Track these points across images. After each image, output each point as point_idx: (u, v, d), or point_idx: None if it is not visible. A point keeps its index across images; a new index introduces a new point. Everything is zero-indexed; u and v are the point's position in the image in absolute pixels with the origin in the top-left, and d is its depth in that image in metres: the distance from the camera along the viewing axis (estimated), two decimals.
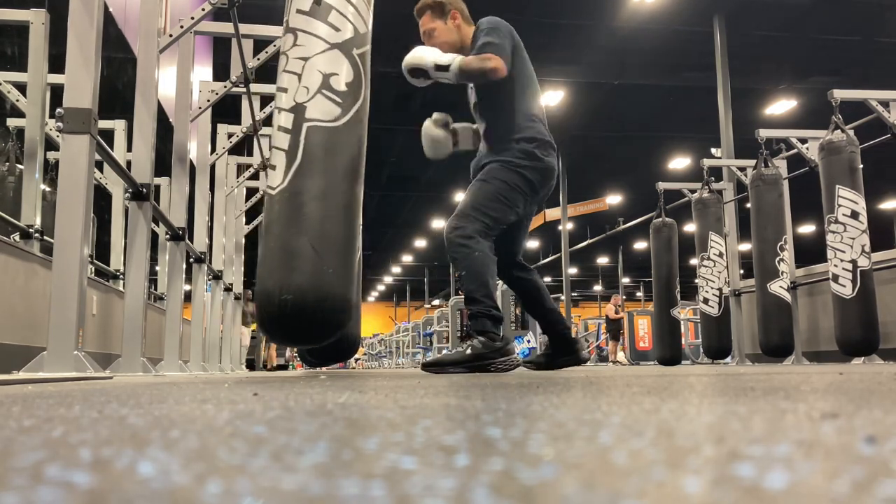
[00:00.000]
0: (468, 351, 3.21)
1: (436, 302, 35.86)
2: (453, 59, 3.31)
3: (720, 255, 9.21)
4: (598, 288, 35.46)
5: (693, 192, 9.91)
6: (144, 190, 3.72)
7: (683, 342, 11.43)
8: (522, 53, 3.60)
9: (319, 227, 2.77)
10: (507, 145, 3.44)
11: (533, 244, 29.98)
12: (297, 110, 2.90)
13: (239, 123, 7.08)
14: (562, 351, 3.70)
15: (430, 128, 3.60)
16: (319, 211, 2.79)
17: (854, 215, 6.91)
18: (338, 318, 2.78)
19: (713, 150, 14.00)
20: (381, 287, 43.60)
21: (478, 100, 3.63)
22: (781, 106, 16.08)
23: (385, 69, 13.09)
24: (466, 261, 3.28)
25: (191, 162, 5.61)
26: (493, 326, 3.27)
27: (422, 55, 3.34)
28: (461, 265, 3.31)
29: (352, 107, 2.94)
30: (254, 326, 15.34)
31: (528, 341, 13.53)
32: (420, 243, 31.08)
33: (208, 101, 5.59)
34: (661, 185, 10.09)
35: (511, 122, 3.46)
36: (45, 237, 5.00)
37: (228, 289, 8.00)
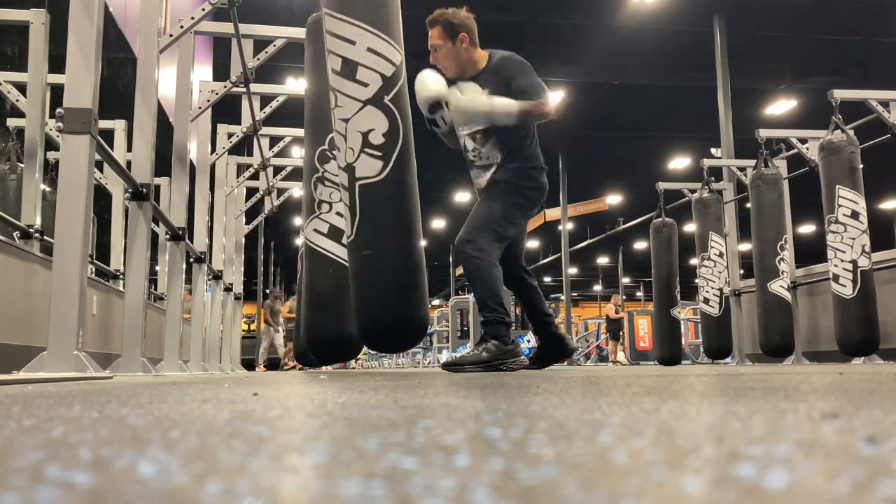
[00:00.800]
0: (484, 354, 3.53)
1: (436, 302, 35.84)
2: (510, 105, 3.48)
3: (720, 255, 9.21)
4: (598, 288, 35.43)
5: (693, 192, 9.90)
6: (144, 190, 3.72)
7: (683, 342, 11.44)
8: None
9: (385, 273, 3.39)
10: (517, 170, 3.76)
11: (533, 244, 29.97)
12: (350, 170, 3.40)
13: (239, 123, 7.07)
14: (551, 348, 4.00)
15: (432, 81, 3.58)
16: (381, 258, 3.39)
17: (854, 215, 6.90)
18: (410, 334, 3.64)
19: (713, 150, 13.99)
20: None
21: (493, 128, 3.73)
22: (781, 106, 16.06)
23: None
24: (479, 272, 3.59)
25: (191, 162, 5.61)
26: (505, 331, 3.61)
27: (478, 104, 3.50)
28: (474, 276, 3.62)
29: (392, 154, 3.35)
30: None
31: (528, 341, 13.53)
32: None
33: (208, 101, 5.58)
34: (661, 185, 10.08)
35: (526, 152, 3.78)
36: (45, 237, 5.00)
37: (228, 289, 8.00)
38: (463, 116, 3.57)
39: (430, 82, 3.51)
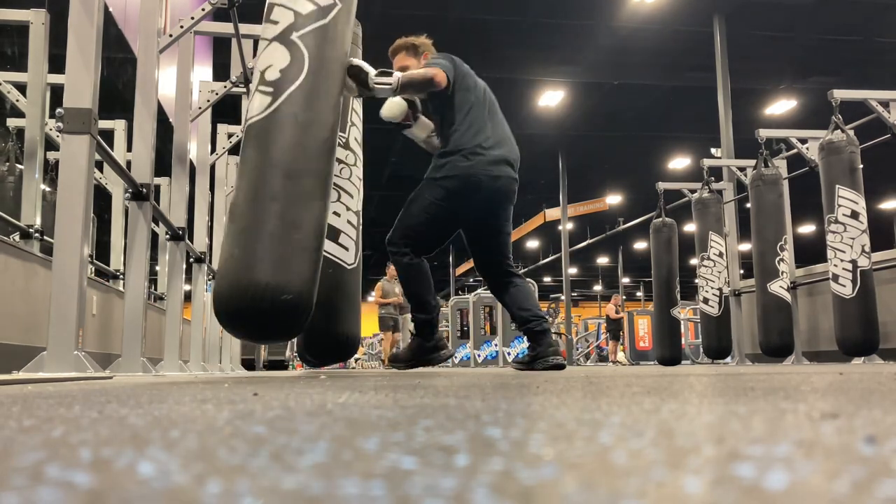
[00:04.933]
0: (409, 351, 3.80)
1: None
2: (395, 73, 3.37)
3: (720, 255, 9.21)
4: (598, 288, 35.43)
5: (693, 192, 9.90)
6: (144, 190, 3.72)
7: (683, 342, 11.44)
8: (467, 83, 3.71)
9: (250, 238, 2.68)
10: (435, 162, 3.68)
11: (533, 244, 29.97)
12: (244, 114, 2.94)
13: (239, 123, 7.07)
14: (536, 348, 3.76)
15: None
16: (247, 213, 2.71)
17: (854, 215, 6.90)
18: (273, 328, 2.71)
19: (713, 150, 13.99)
20: None
21: (436, 124, 3.81)
22: (781, 106, 16.05)
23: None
24: (401, 274, 3.72)
25: (191, 162, 5.61)
26: (428, 330, 3.71)
27: (361, 63, 3.31)
28: (400, 277, 3.75)
29: (285, 90, 2.84)
30: None
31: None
32: None
33: (208, 101, 5.58)
34: (661, 185, 10.08)
35: (443, 140, 3.68)
36: (45, 237, 5.00)
37: None
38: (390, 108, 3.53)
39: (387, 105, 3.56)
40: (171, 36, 4.24)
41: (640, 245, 28.40)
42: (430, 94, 3.62)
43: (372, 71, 3.26)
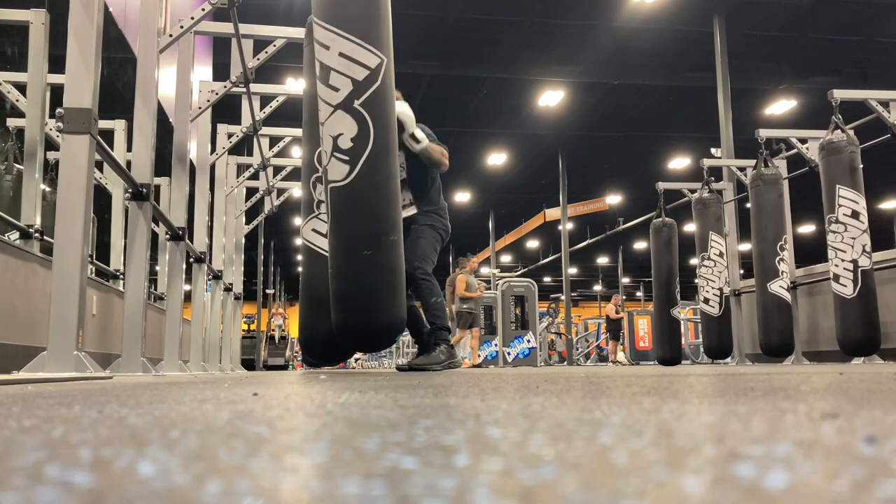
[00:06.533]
0: (441, 356, 4.43)
1: None
2: (424, 138, 4.38)
3: (720, 254, 9.21)
4: (598, 288, 35.44)
5: (693, 192, 9.90)
6: (144, 190, 3.72)
7: (683, 342, 11.44)
8: None
9: (349, 277, 3.54)
10: (432, 214, 4.79)
11: (533, 244, 29.98)
12: (325, 173, 3.58)
13: (239, 123, 7.07)
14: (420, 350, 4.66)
15: None
16: (348, 265, 3.52)
17: (854, 215, 6.90)
18: (365, 340, 3.84)
19: (713, 150, 13.99)
20: None
21: (408, 172, 4.69)
22: (781, 106, 16.05)
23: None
24: (430, 292, 4.55)
25: (191, 162, 5.61)
26: (448, 336, 4.62)
27: (411, 117, 4.36)
28: (426, 293, 4.52)
29: (359, 159, 3.45)
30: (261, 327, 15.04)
31: (528, 341, 13.53)
32: None
33: (208, 101, 5.58)
34: (661, 185, 10.08)
35: (435, 197, 4.83)
36: (45, 237, 4.99)
37: (228, 289, 8.00)
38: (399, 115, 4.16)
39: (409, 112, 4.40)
40: (171, 36, 4.24)
41: (640, 245, 28.40)
42: (417, 155, 4.52)
43: (408, 129, 4.27)
